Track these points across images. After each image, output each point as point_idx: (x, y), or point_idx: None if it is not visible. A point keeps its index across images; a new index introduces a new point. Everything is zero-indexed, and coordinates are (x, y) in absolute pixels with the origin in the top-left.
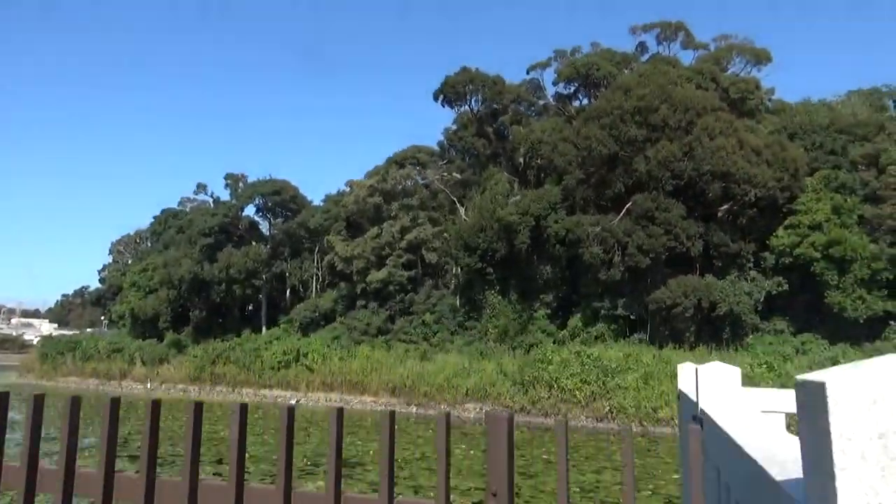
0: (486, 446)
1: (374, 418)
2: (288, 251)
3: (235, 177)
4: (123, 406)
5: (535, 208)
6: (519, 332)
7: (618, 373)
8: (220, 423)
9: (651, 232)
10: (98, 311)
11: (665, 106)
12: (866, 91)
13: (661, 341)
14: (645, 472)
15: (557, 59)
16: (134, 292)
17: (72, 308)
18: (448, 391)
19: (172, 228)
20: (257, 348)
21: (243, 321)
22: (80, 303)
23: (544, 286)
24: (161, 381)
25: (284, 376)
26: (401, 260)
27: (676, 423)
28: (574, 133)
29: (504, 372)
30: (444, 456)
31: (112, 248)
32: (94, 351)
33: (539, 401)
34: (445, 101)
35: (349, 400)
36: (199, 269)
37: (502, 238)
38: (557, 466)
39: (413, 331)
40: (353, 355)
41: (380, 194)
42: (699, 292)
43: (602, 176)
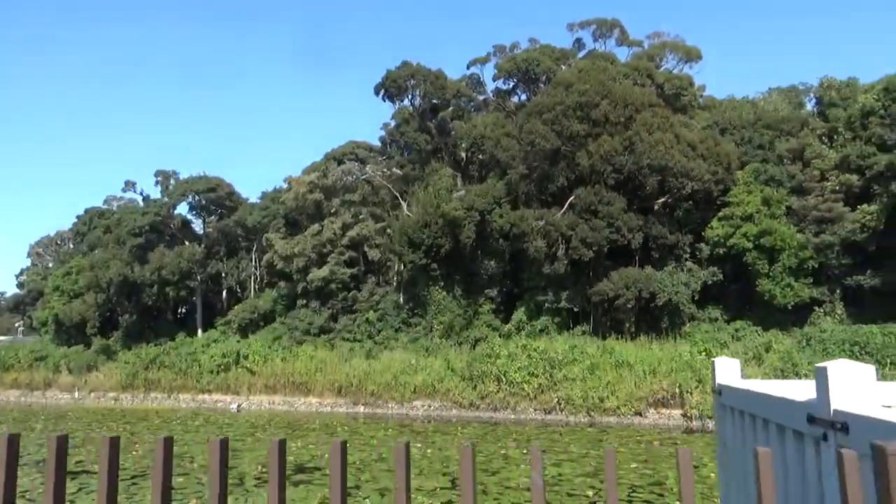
0: (441, 445)
1: (323, 420)
2: (224, 251)
3: (166, 174)
4: (50, 418)
5: (479, 203)
6: (464, 327)
7: (564, 364)
8: (162, 432)
9: (594, 225)
10: (16, 318)
11: (605, 101)
12: (785, 89)
13: (604, 332)
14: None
15: (497, 55)
16: (57, 297)
17: None
18: (396, 389)
19: (98, 229)
20: (193, 352)
21: (177, 324)
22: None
23: (488, 281)
24: (90, 390)
25: (224, 380)
26: (343, 257)
27: (623, 413)
28: (517, 128)
29: (452, 368)
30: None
31: (31, 251)
32: (15, 360)
33: (488, 395)
34: (387, 95)
35: (293, 402)
36: (128, 271)
37: (447, 233)
38: (608, 494)
39: (356, 329)
40: (295, 356)
41: (320, 190)
42: (640, 284)
43: (545, 170)
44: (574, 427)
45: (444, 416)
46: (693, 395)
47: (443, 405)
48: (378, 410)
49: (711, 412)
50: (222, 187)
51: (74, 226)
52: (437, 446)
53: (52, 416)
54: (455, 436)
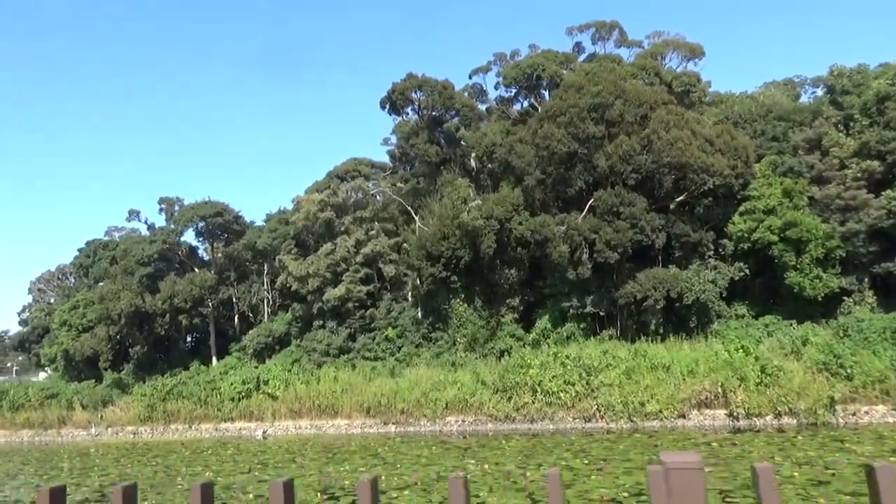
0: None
1: (358, 442)
2: (234, 275)
3: (170, 200)
4: (73, 456)
5: (498, 211)
6: (488, 338)
7: (599, 371)
8: (198, 464)
9: (617, 227)
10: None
11: (619, 101)
12: (781, 82)
13: (632, 335)
14: None
15: (497, 63)
16: (65, 332)
17: None
18: (427, 406)
19: (103, 260)
20: (212, 380)
21: (190, 353)
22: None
23: (509, 290)
24: (107, 425)
25: (246, 407)
26: (358, 275)
27: (665, 417)
28: (530, 134)
29: (482, 381)
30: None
31: (32, 287)
32: (25, 399)
33: (524, 406)
34: (392, 108)
35: (321, 425)
36: (140, 301)
37: (465, 244)
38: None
39: (376, 347)
40: (317, 378)
41: (331, 208)
42: (667, 284)
43: (561, 175)
44: (618, 433)
45: (479, 430)
46: (737, 393)
47: (477, 419)
48: (410, 428)
49: (758, 409)
50: (228, 212)
51: (76, 259)
52: (493, 461)
53: (74, 454)
54: (503, 450)
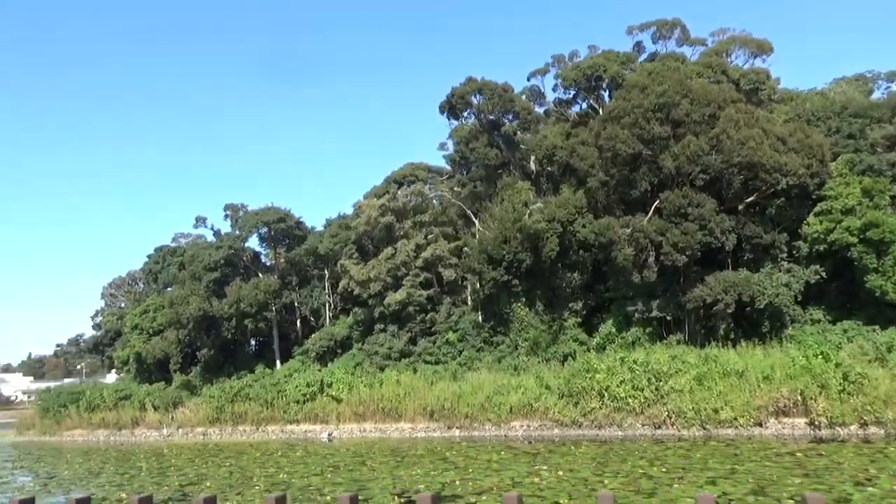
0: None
1: (423, 445)
2: (295, 280)
3: (235, 207)
4: (149, 456)
5: (560, 214)
6: (550, 343)
7: (669, 376)
8: (270, 466)
9: (685, 229)
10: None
11: (686, 101)
12: (852, 78)
13: (700, 340)
14: (767, 481)
15: (555, 65)
16: (136, 335)
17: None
18: (491, 410)
19: (172, 266)
20: (277, 383)
21: (254, 357)
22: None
23: (571, 294)
24: (177, 426)
25: (311, 409)
26: (418, 279)
27: (741, 425)
28: (592, 135)
29: (547, 385)
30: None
31: (104, 293)
32: (100, 400)
33: (591, 412)
34: (451, 112)
35: (385, 428)
36: (207, 306)
37: (527, 248)
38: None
39: (437, 351)
40: (379, 381)
41: (391, 213)
42: (738, 287)
43: (625, 176)
44: (692, 441)
45: (545, 435)
46: (818, 401)
47: (543, 424)
48: (474, 433)
49: (841, 418)
50: (290, 217)
51: (146, 265)
52: (566, 468)
53: (149, 454)
54: (573, 456)
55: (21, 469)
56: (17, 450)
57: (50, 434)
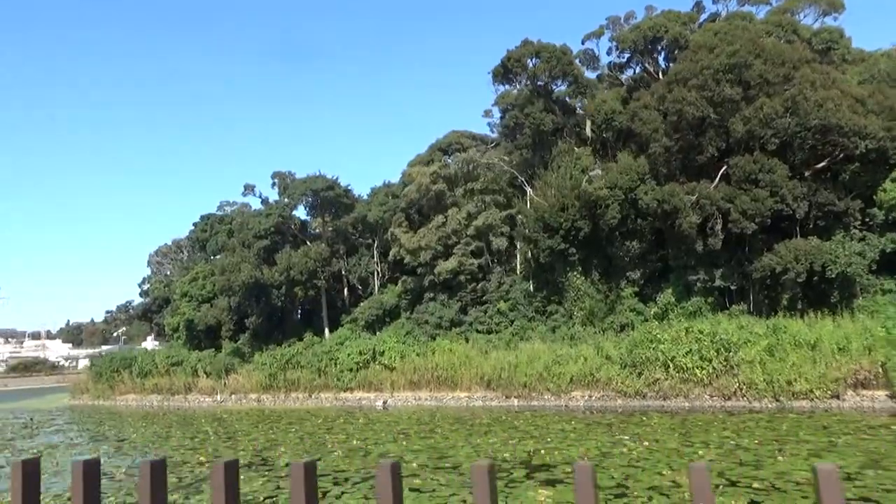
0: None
1: (484, 414)
2: (343, 248)
3: (283, 175)
4: (211, 421)
5: (623, 181)
6: (606, 313)
7: (738, 346)
8: (337, 432)
9: (755, 195)
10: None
11: (759, 61)
12: None
13: (766, 311)
14: (875, 453)
15: (610, 28)
16: (186, 303)
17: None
18: (550, 380)
19: (220, 234)
20: (328, 351)
21: (302, 325)
22: (126, 318)
23: (629, 263)
24: (230, 392)
25: (364, 377)
26: (469, 248)
27: (817, 397)
28: (655, 99)
29: (607, 355)
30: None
31: (150, 260)
32: (152, 366)
33: (655, 383)
34: (505, 77)
35: (440, 397)
36: (258, 274)
37: (585, 215)
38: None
39: (489, 320)
40: (431, 350)
41: (442, 180)
42: (810, 256)
43: (690, 141)
44: (768, 413)
45: (607, 406)
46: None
47: (604, 395)
48: (533, 403)
49: None
50: (338, 185)
51: (192, 233)
52: (650, 438)
53: (210, 420)
54: (650, 427)
55: (87, 431)
56: (76, 413)
57: (104, 398)
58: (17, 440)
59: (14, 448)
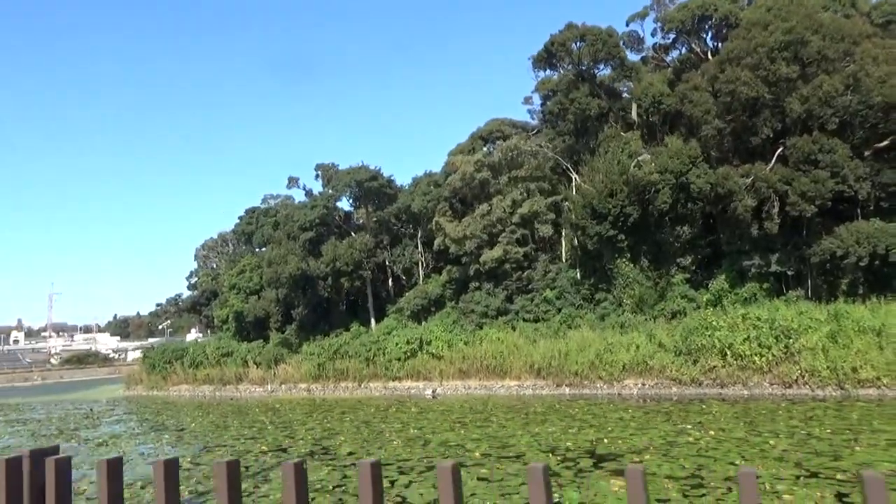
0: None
1: (538, 403)
2: (387, 239)
3: (326, 167)
4: (266, 410)
5: (674, 165)
6: (657, 300)
7: (798, 333)
8: (393, 421)
9: (815, 176)
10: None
11: (817, 37)
12: None
13: (825, 296)
14: None
15: (655, 8)
16: (234, 295)
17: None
18: (602, 368)
19: (266, 226)
20: (376, 340)
21: (348, 315)
22: (176, 310)
23: (680, 249)
24: (280, 382)
25: (413, 367)
26: (514, 236)
27: (886, 385)
28: (706, 80)
29: (660, 343)
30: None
31: (197, 254)
32: (203, 357)
33: (711, 370)
34: (548, 62)
35: (490, 386)
36: (305, 265)
37: (634, 201)
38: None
39: (535, 309)
40: (478, 339)
41: (487, 169)
42: (873, 239)
43: (743, 123)
44: (835, 401)
45: (661, 394)
46: None
47: (658, 383)
48: (585, 391)
49: None
50: (381, 176)
51: (237, 226)
52: (714, 427)
53: (263, 409)
54: (711, 415)
55: (146, 421)
56: (131, 403)
57: (157, 389)
58: (81, 430)
59: (80, 437)
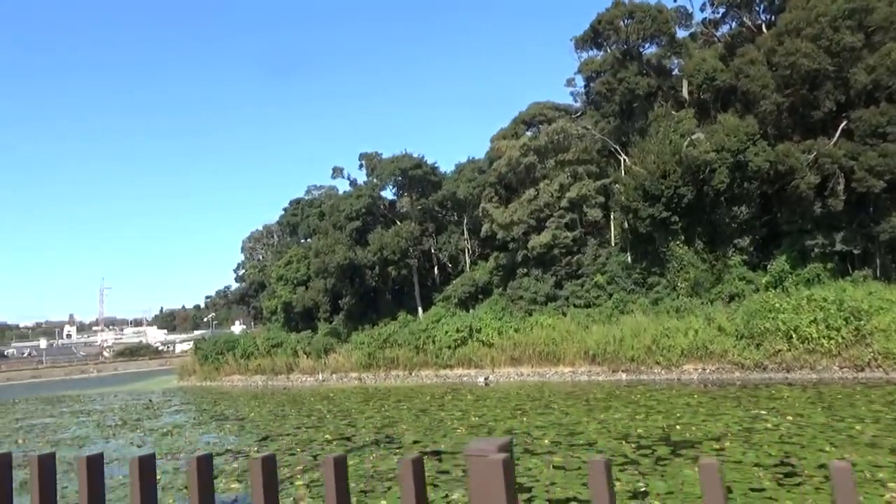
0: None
1: (596, 389)
2: (432, 227)
3: (370, 156)
4: (320, 399)
5: (731, 143)
6: (713, 283)
7: (869, 315)
8: (451, 409)
9: (884, 150)
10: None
11: (883, 3)
12: None
13: (894, 276)
14: None
15: None
16: (282, 286)
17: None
18: (659, 353)
19: (311, 217)
20: (425, 329)
21: (395, 304)
22: (225, 302)
23: (737, 230)
24: (331, 371)
25: (464, 354)
26: (563, 220)
27: None
28: (763, 54)
29: (719, 327)
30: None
31: (244, 246)
32: (254, 348)
33: (776, 354)
34: (594, 41)
35: (543, 372)
36: (352, 255)
37: (688, 181)
38: None
39: (586, 294)
40: (529, 326)
41: (533, 153)
42: None
43: (804, 97)
44: None
45: (723, 379)
46: None
47: (720, 367)
48: (642, 377)
49: None
50: (425, 164)
51: (282, 217)
52: (789, 412)
53: (318, 398)
54: (783, 400)
55: (205, 411)
56: (187, 394)
57: (210, 380)
58: (144, 420)
59: (143, 428)
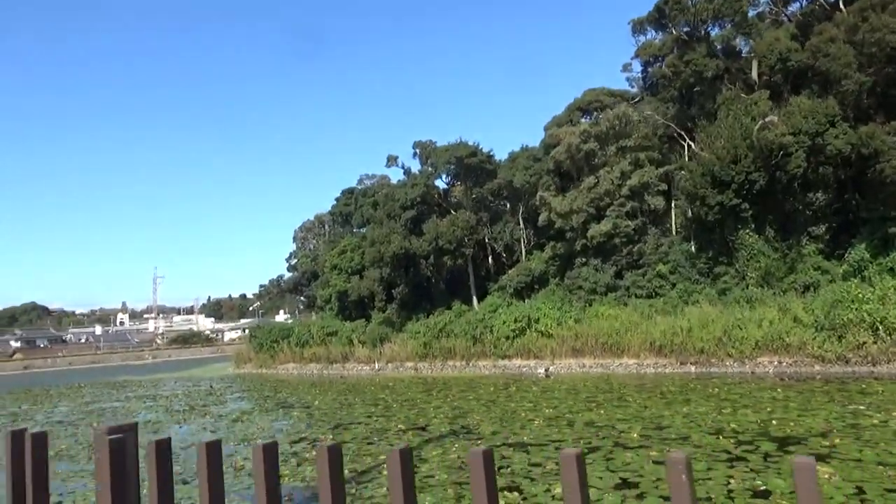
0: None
1: (669, 381)
2: (486, 216)
3: (424, 144)
4: (382, 388)
5: (809, 125)
6: (786, 272)
7: None
8: (521, 399)
9: None
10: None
11: None
12: None
13: None
14: None
15: None
16: (336, 275)
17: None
18: (731, 345)
19: (364, 206)
20: (482, 319)
21: (449, 293)
22: (278, 291)
23: (812, 217)
24: (386, 361)
25: (523, 344)
26: (623, 209)
27: None
28: (843, 31)
29: (795, 318)
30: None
31: (296, 236)
32: (308, 336)
33: (861, 347)
34: (658, 22)
35: (607, 364)
36: (407, 244)
37: (760, 167)
38: None
39: (648, 284)
40: (589, 316)
41: (594, 139)
42: None
43: (889, 75)
44: None
45: (801, 372)
46: None
47: (797, 360)
48: (713, 369)
49: None
50: (480, 152)
51: (334, 207)
52: (890, 410)
53: (379, 387)
54: (877, 395)
55: (268, 398)
56: (245, 381)
57: (265, 367)
58: (211, 406)
59: (212, 413)
